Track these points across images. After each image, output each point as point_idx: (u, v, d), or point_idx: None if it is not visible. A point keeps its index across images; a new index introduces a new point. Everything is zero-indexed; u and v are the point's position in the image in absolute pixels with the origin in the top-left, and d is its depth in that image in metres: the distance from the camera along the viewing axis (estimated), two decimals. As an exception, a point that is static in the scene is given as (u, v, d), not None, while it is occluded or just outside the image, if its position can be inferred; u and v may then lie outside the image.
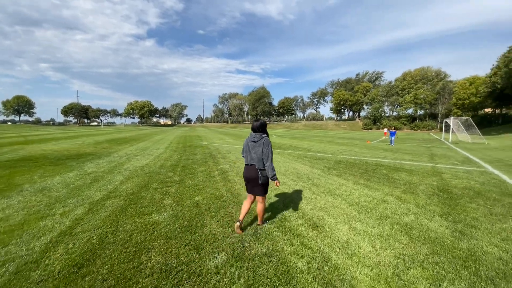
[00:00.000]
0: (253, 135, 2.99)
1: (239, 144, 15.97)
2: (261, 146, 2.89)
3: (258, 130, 3.00)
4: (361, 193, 4.86)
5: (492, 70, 29.99)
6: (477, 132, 20.33)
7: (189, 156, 10.06)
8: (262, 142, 2.90)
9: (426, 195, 4.79)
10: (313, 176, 6.43)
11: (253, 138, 2.96)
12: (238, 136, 27.36)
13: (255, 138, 2.95)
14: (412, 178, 6.24)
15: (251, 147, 2.96)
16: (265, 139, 2.93)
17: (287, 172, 6.92)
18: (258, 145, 2.91)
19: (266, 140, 2.93)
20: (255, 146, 2.93)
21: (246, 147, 3.06)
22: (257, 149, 2.90)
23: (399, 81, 64.11)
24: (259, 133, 2.98)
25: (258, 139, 2.93)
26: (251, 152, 2.96)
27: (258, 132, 3.00)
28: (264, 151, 2.87)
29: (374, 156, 10.57)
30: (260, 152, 2.88)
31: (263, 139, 2.92)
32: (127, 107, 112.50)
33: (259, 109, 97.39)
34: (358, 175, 6.59)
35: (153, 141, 18.40)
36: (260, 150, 2.88)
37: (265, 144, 2.89)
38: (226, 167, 7.56)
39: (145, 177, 6.08)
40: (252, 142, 2.97)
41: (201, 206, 3.96)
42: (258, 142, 2.92)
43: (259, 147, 2.89)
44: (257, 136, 2.95)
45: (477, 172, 7.17)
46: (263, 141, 2.91)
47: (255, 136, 2.96)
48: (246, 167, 3.05)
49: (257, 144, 2.92)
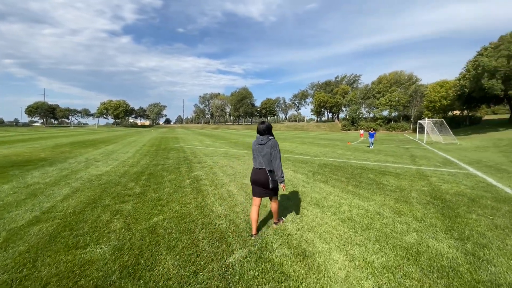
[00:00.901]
0: (260, 137, 3.01)
1: (220, 147, 15.06)
2: (269, 147, 2.91)
3: (265, 133, 3.02)
4: (352, 203, 4.28)
5: (461, 74, 31.94)
6: (450, 133, 21.26)
7: (160, 161, 9.00)
8: (269, 144, 2.92)
9: (421, 204, 4.32)
10: (298, 183, 5.78)
11: (260, 141, 2.97)
12: (219, 138, 26.32)
13: (262, 140, 2.96)
14: (401, 183, 5.84)
15: (259, 150, 2.97)
16: (272, 140, 2.96)
17: (268, 178, 6.21)
18: (266, 147, 2.93)
19: (274, 142, 2.96)
20: (263, 148, 2.94)
21: (254, 151, 3.07)
22: (265, 151, 2.92)
23: (375, 84, 66.86)
24: (266, 135, 3.00)
25: (266, 141, 2.94)
26: (258, 155, 2.97)
27: (265, 134, 3.02)
28: (273, 152, 2.90)
29: (357, 158, 10.26)
30: (268, 153, 2.91)
31: (270, 141, 2.95)
32: (100, 106, 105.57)
33: (241, 110, 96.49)
34: (345, 180, 6.07)
35: (124, 144, 16.84)
36: (268, 151, 2.91)
37: (272, 145, 2.92)
38: (200, 174, 6.68)
39: (98, 190, 5.03)
40: (259, 145, 2.97)
41: (159, 232, 3.09)
42: (265, 144, 2.94)
43: (267, 149, 2.91)
44: (264, 138, 2.97)
45: (461, 174, 7.00)
46: (270, 143, 2.93)
47: (262, 138, 2.98)
48: (254, 171, 3.03)
49: (265, 146, 2.94)
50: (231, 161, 8.98)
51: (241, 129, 74.68)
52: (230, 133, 42.41)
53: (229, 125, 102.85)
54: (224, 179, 6.01)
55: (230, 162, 8.86)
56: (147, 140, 21.33)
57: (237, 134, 35.57)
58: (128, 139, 22.85)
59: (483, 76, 23.44)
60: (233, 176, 6.35)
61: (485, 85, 23.06)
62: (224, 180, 5.95)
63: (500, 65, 21.63)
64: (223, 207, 3.97)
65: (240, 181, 5.88)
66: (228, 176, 6.35)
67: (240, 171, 7.14)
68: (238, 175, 6.55)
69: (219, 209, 3.86)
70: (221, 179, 6.01)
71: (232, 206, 4.01)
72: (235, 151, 12.41)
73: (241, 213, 3.71)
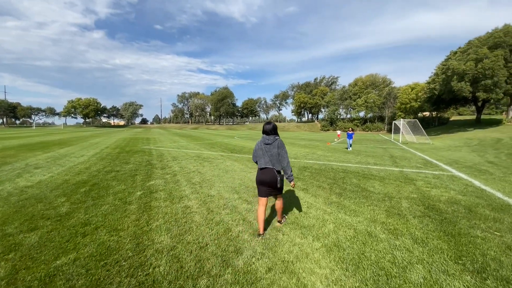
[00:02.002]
0: (267, 137, 2.99)
1: (193, 148, 13.84)
2: (276, 147, 2.93)
3: (271, 133, 3.01)
4: (338, 220, 3.49)
5: (431, 77, 33.57)
6: (423, 133, 21.92)
7: (116, 166, 7.68)
8: (276, 144, 2.94)
9: (416, 217, 3.65)
10: (274, 192, 4.91)
11: (267, 141, 2.97)
12: (196, 138, 24.90)
13: (269, 140, 2.96)
14: (388, 189, 5.22)
15: (266, 150, 2.95)
16: (279, 140, 2.99)
17: (241, 186, 5.27)
18: (273, 147, 2.93)
19: (280, 142, 2.99)
20: (270, 148, 2.94)
21: (259, 151, 3.01)
22: (273, 151, 2.92)
23: (351, 86, 68.91)
24: (272, 135, 3.00)
25: (272, 141, 2.95)
26: (265, 155, 2.94)
27: (271, 134, 3.01)
28: (281, 152, 2.93)
29: (338, 159, 9.70)
30: (276, 153, 2.92)
31: (277, 141, 2.97)
32: (68, 105, 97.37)
33: (222, 109, 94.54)
34: (328, 187, 5.32)
35: (83, 146, 14.93)
36: (275, 151, 2.92)
37: (280, 145, 2.95)
38: (158, 183, 5.56)
39: (10, 209, 3.75)
40: (266, 144, 2.96)
41: (55, 286, 2.01)
42: (272, 144, 2.95)
43: (274, 149, 2.92)
44: (271, 138, 2.97)
45: (446, 177, 6.61)
46: (277, 143, 2.95)
47: (269, 138, 2.97)
48: (261, 171, 2.98)
49: (271, 146, 2.94)
50: (201, 166, 7.91)
51: (222, 129, 73.01)
52: (210, 133, 40.88)
53: (210, 125, 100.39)
54: (186, 190, 4.96)
55: (200, 167, 7.79)
56: (113, 141, 19.37)
57: (216, 135, 34.24)
58: (92, 140, 20.65)
59: (452, 79, 24.61)
60: (198, 186, 5.32)
61: (454, 87, 24.22)
62: (185, 191, 4.90)
63: (468, 68, 22.80)
64: (170, 235, 2.96)
65: (206, 192, 4.88)
66: (192, 186, 5.31)
67: (208, 178, 6.12)
68: (205, 184, 5.54)
69: (164, 239, 2.85)
70: (181, 191, 4.95)
71: (184, 233, 3.01)
72: (209, 153, 11.33)
73: (194, 244, 2.73)
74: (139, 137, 26.73)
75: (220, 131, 56.61)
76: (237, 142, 19.66)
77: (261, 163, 2.96)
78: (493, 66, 21.35)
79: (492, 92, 22.64)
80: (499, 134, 19.92)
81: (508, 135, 18.60)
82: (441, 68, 28.66)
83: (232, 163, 8.51)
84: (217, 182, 5.69)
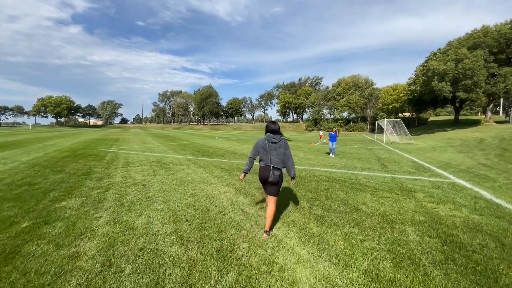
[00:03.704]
0: (273, 136, 2.98)
1: (159, 151, 12.09)
2: (282, 147, 2.95)
3: (277, 132, 3.02)
4: (318, 281, 2.13)
5: (411, 78, 33.86)
6: (406, 133, 21.54)
7: (41, 176, 5.91)
8: (282, 144, 2.97)
9: (436, 265, 2.38)
10: (234, 217, 3.49)
11: (273, 140, 2.95)
12: (172, 139, 22.95)
13: (276, 139, 2.96)
14: (384, 208, 3.98)
15: (272, 148, 2.94)
16: (284, 140, 3.03)
17: (188, 209, 3.79)
18: (279, 146, 2.94)
19: (286, 142, 3.04)
20: (276, 147, 2.94)
21: (262, 149, 2.98)
22: (278, 150, 2.93)
23: (335, 87, 69.31)
24: (278, 135, 3.00)
25: (279, 140, 2.96)
26: (271, 153, 2.93)
27: (277, 133, 3.01)
28: (287, 152, 2.97)
29: (321, 163, 8.49)
30: (282, 153, 2.94)
31: (283, 141, 3.00)
32: (37, 103, 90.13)
33: (206, 109, 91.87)
34: (307, 206, 3.99)
35: (32, 148, 12.68)
36: (281, 151, 2.94)
37: (286, 145, 3.00)
38: (71, 204, 3.93)
39: None
40: (271, 143, 2.95)
41: None
42: (279, 143, 2.95)
43: (281, 148, 2.94)
44: (277, 138, 2.97)
45: (446, 185, 5.54)
46: (283, 143, 2.98)
47: (275, 137, 2.97)
48: (263, 168, 2.95)
49: (277, 145, 2.94)
50: (152, 175, 6.33)
51: (205, 129, 70.63)
52: (190, 133, 38.78)
53: (194, 125, 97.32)
54: (101, 219, 3.39)
55: (150, 176, 6.21)
56: (73, 143, 17.04)
57: (196, 135, 32.30)
58: (50, 142, 18.15)
59: (433, 79, 24.60)
60: (125, 210, 3.76)
61: (435, 87, 24.19)
62: (98, 220, 3.32)
63: (448, 69, 22.78)
64: None
65: (129, 221, 3.34)
66: (116, 210, 3.75)
67: (150, 194, 4.58)
68: (139, 205, 3.99)
69: None
70: (93, 219, 3.37)
71: None
72: (175, 157, 9.70)
73: None
74: (109, 138, 24.30)
75: (203, 131, 54.44)
76: (215, 143, 18.08)
77: (264, 161, 2.95)
78: (474, 66, 21.42)
79: (472, 92, 22.79)
80: (479, 134, 19.91)
81: (489, 135, 18.55)
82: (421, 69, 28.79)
83: (195, 170, 6.99)
84: (158, 201, 4.16)
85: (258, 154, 3.01)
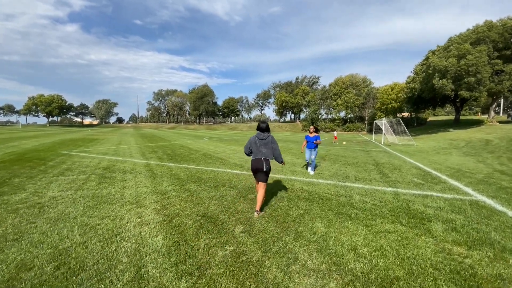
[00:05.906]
0: (262, 134, 3.64)
1: (125, 154, 10.48)
2: (270, 142, 3.63)
3: (266, 130, 3.67)
4: None
5: (410, 77, 32.51)
6: (406, 134, 20.10)
7: None
8: (269, 140, 3.63)
9: None
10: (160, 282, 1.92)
11: (262, 137, 3.62)
12: (156, 139, 21.32)
13: (264, 136, 3.62)
14: (387, 262, 2.44)
15: (262, 144, 3.61)
16: (271, 136, 3.67)
17: (50, 261, 2.22)
18: (267, 142, 3.61)
19: (272, 137, 3.69)
20: (265, 143, 3.61)
21: (254, 144, 3.66)
22: (267, 145, 3.60)
23: (332, 86, 67.83)
24: (266, 133, 3.67)
25: (266, 137, 3.62)
26: (261, 148, 3.59)
27: (265, 131, 3.67)
28: (274, 146, 3.64)
29: (306, 171, 6.92)
30: (270, 147, 3.62)
31: (270, 137, 3.65)
32: (28, 102, 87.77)
33: (202, 108, 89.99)
34: (254, 262, 2.44)
35: (-24, 151, 10.99)
36: (270, 145, 3.62)
37: (272, 140, 3.66)
38: None
39: None
40: (260, 140, 3.62)
41: None
42: (266, 140, 3.62)
43: (268, 143, 3.61)
44: (265, 135, 3.63)
45: (470, 208, 4.02)
46: (270, 139, 3.64)
47: (264, 135, 3.63)
48: (255, 160, 3.61)
49: (265, 141, 3.61)
50: (74, 191, 4.74)
51: (201, 129, 68.94)
52: (181, 133, 37.13)
53: (189, 124, 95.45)
54: None
55: (70, 192, 4.62)
56: (38, 144, 15.36)
57: (186, 135, 30.67)
58: (14, 142, 16.45)
59: (434, 76, 23.19)
60: None
61: (436, 84, 22.78)
62: None
63: (450, 65, 21.35)
64: None
65: None
66: None
67: (23, 229, 2.99)
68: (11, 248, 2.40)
69: None
70: None
71: None
72: (133, 162, 8.11)
73: None
74: (88, 138, 22.62)
75: (196, 131, 52.76)
76: (199, 144, 16.48)
77: (255, 154, 3.63)
78: (477, 62, 20.00)
79: (476, 90, 21.38)
80: (484, 135, 18.52)
81: (495, 136, 17.15)
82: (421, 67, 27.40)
83: (138, 182, 5.41)
84: (17, 243, 2.58)
85: (251, 149, 3.71)
